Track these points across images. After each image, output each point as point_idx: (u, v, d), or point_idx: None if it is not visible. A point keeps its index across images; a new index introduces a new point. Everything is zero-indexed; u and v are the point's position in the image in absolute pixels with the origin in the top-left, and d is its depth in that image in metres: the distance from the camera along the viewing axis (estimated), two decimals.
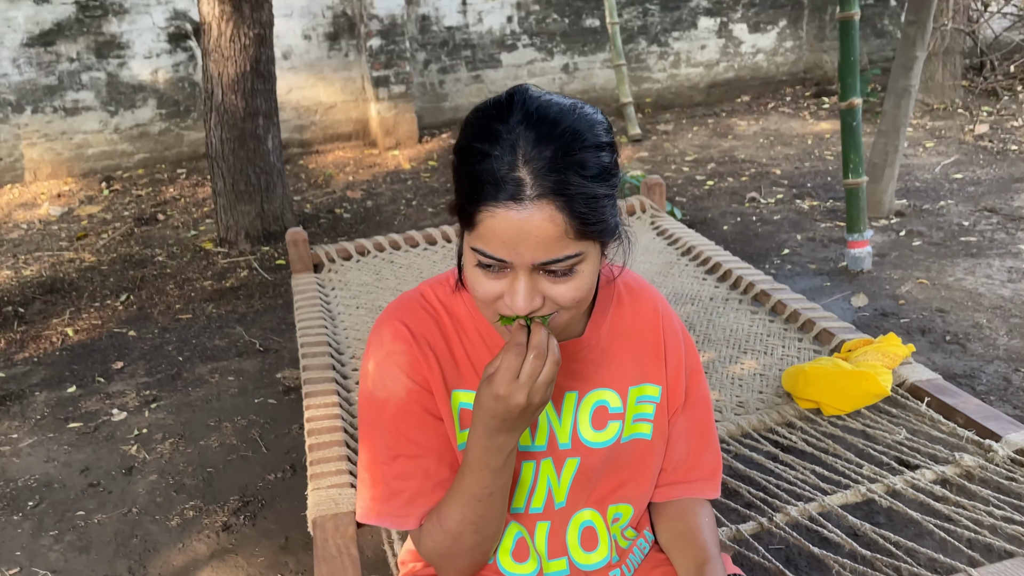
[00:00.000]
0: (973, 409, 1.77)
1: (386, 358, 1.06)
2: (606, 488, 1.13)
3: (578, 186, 0.88)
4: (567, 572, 1.13)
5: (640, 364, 1.13)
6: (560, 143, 0.88)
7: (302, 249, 2.88)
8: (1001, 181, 4.79)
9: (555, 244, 0.89)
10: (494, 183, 0.87)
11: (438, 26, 6.35)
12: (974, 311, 3.30)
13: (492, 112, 0.91)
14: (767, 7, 7.06)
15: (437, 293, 1.10)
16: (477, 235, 0.91)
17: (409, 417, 1.05)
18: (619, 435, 1.12)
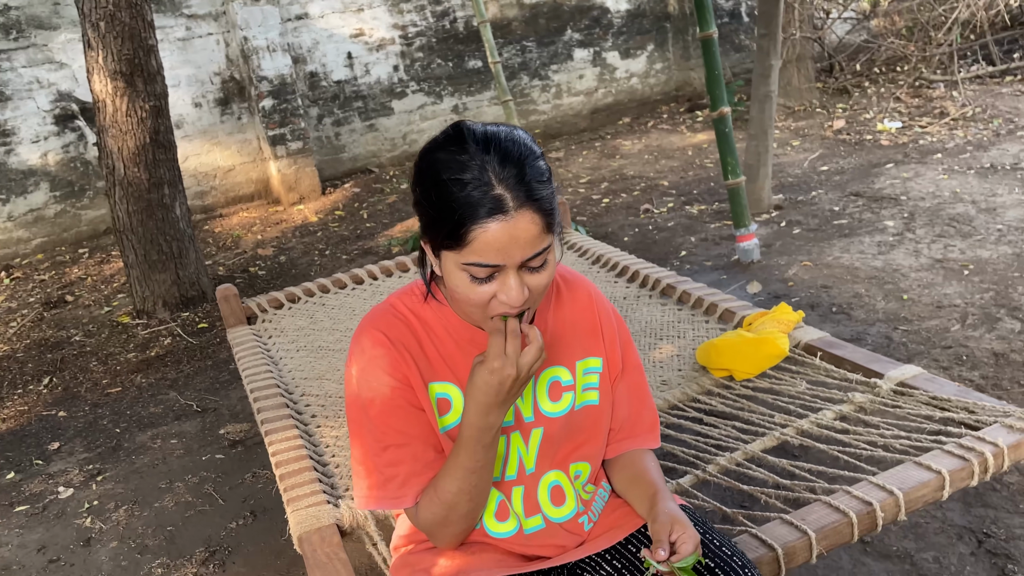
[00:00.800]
0: (859, 356, 2.05)
1: (368, 363, 1.23)
2: (566, 450, 1.33)
3: (541, 190, 1.09)
4: (543, 526, 1.31)
5: (582, 341, 1.34)
6: (519, 160, 1.08)
7: (234, 304, 2.99)
8: (862, 168, 5.30)
9: (536, 241, 1.09)
10: (480, 204, 1.06)
11: (327, 81, 6.52)
12: (853, 283, 3.68)
13: (450, 148, 1.10)
14: (634, 34, 7.55)
15: (405, 303, 1.28)
16: (470, 251, 1.08)
17: (395, 411, 1.22)
18: (572, 404, 1.31)
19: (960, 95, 6.35)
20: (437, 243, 1.12)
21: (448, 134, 1.12)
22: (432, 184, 1.09)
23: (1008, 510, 2.16)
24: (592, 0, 7.33)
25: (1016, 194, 4.38)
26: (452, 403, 1.26)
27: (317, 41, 6.42)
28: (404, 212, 5.88)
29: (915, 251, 3.90)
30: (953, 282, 3.52)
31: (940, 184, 4.73)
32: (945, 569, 2.01)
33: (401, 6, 6.60)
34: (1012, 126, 5.57)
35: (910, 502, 1.45)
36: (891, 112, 6.37)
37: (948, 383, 1.85)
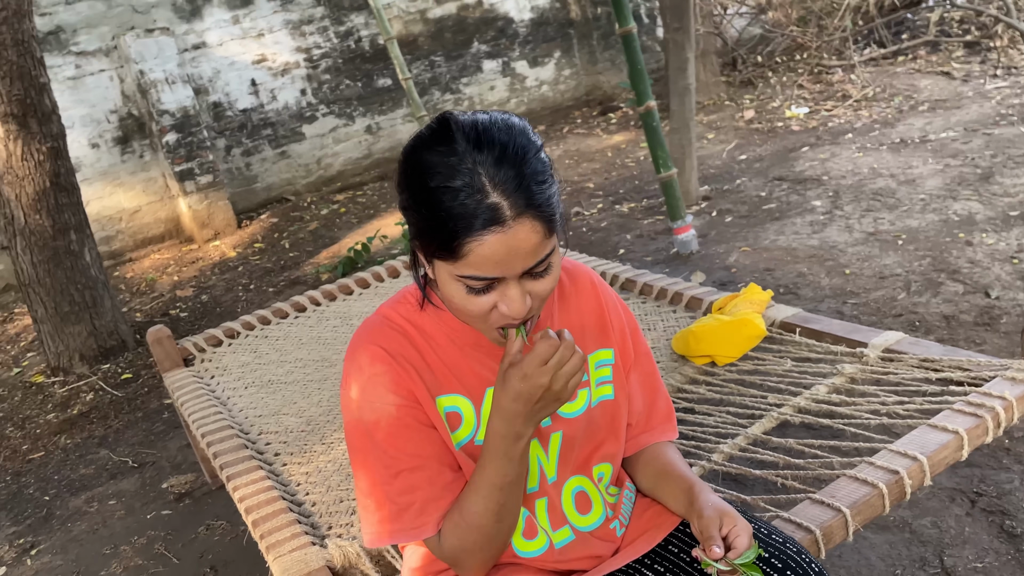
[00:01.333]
0: (837, 328, 2.03)
1: (369, 381, 1.10)
2: (586, 452, 1.22)
3: (541, 194, 0.97)
4: (573, 537, 1.21)
5: (592, 333, 1.23)
6: (515, 160, 0.95)
7: (168, 346, 2.77)
8: (779, 153, 5.41)
9: (538, 250, 0.98)
10: (474, 216, 0.93)
11: (232, 111, 6.28)
12: (794, 264, 3.71)
13: (437, 147, 0.96)
14: (540, 42, 7.56)
15: (400, 312, 1.15)
16: (465, 264, 0.96)
17: (403, 431, 1.09)
18: (588, 401, 1.21)
19: (859, 78, 6.58)
20: (429, 251, 1.00)
21: (434, 129, 0.99)
22: (420, 190, 0.97)
23: (993, 467, 2.17)
24: (495, 11, 7.31)
25: (930, 165, 4.53)
26: (463, 416, 1.14)
27: (218, 70, 6.17)
28: (328, 238, 5.68)
29: (847, 227, 3.98)
30: (890, 252, 3.59)
31: (857, 162, 4.86)
32: (945, 533, 1.99)
33: (303, 29, 6.42)
34: (913, 102, 5.79)
35: (934, 466, 1.41)
36: (797, 99, 6.56)
37: (933, 344, 1.83)
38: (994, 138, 4.68)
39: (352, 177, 6.83)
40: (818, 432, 2.01)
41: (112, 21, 5.75)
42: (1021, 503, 2.02)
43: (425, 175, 0.96)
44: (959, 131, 4.95)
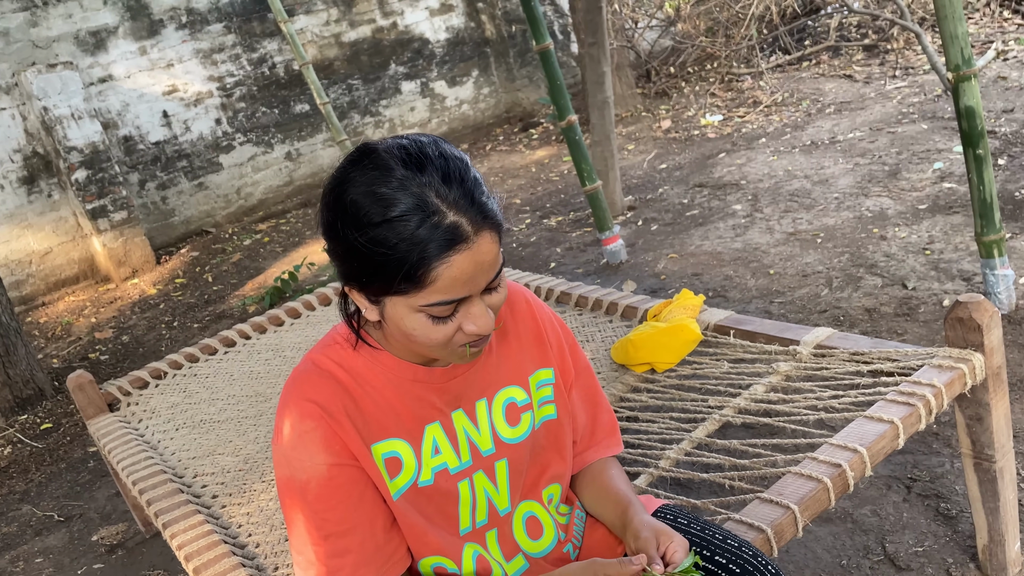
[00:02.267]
0: (769, 328, 2.07)
1: (299, 440, 1.05)
2: (535, 475, 1.21)
3: (490, 206, 0.95)
4: (526, 566, 1.19)
5: (531, 353, 1.21)
6: (458, 175, 0.93)
7: (91, 392, 2.65)
8: (697, 161, 5.54)
9: (497, 259, 0.97)
10: (434, 239, 0.90)
11: (144, 144, 6.09)
12: (721, 267, 3.80)
13: (372, 180, 0.92)
14: (457, 61, 7.59)
15: (331, 356, 1.10)
16: (433, 291, 0.93)
17: (334, 493, 1.05)
18: (532, 423, 1.20)
19: (767, 84, 6.81)
20: (378, 291, 0.96)
21: (360, 162, 0.94)
22: (362, 228, 0.92)
23: (924, 452, 2.25)
24: (411, 32, 7.31)
25: (841, 164, 4.71)
26: (403, 460, 1.10)
27: (127, 103, 5.98)
28: (253, 269, 5.55)
29: (768, 228, 4.09)
30: (810, 251, 3.71)
31: (772, 165, 5.01)
32: (885, 520, 2.05)
33: (214, 57, 6.28)
34: (820, 105, 6.02)
35: (874, 456, 1.45)
36: (710, 107, 6.74)
37: (861, 337, 1.89)
38: (898, 136, 4.90)
39: (274, 205, 6.70)
40: (760, 431, 2.05)
41: (11, 58, 5.53)
42: (954, 485, 2.10)
43: (367, 212, 0.92)
44: (865, 131, 5.17)
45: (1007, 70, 5.51)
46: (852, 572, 1.91)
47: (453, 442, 1.13)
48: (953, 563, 1.86)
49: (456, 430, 1.13)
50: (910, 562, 1.89)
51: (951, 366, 1.60)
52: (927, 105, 5.31)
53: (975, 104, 2.61)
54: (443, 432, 1.13)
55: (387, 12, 7.16)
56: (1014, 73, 5.42)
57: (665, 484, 2.04)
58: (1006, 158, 4.13)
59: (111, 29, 5.87)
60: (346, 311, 1.10)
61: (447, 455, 1.13)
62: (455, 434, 1.13)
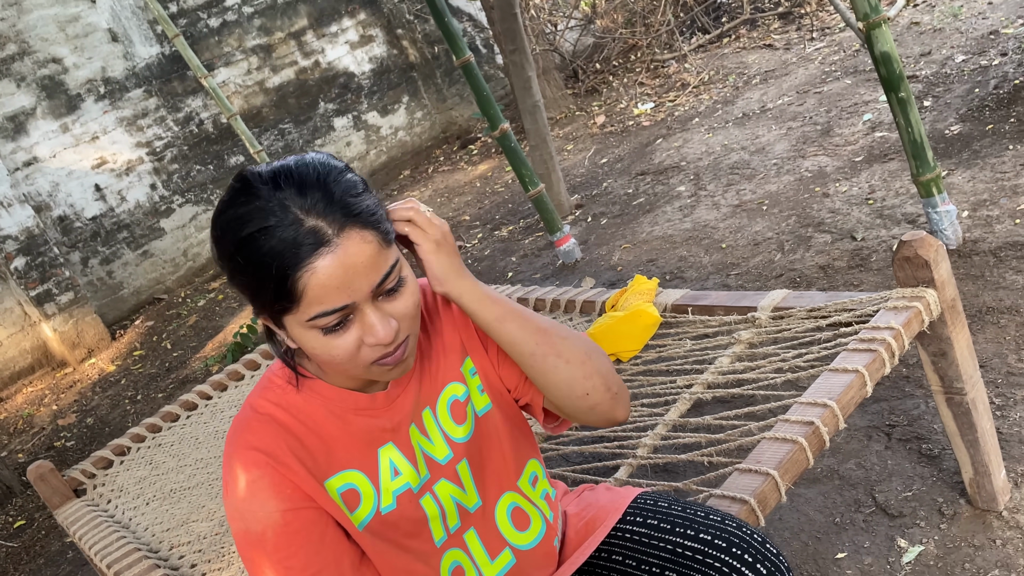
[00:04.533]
0: (725, 299, 2.06)
1: (247, 491, 1.01)
2: (503, 465, 1.16)
3: (358, 204, 0.92)
4: (513, 562, 1.15)
5: (453, 347, 1.15)
6: (319, 183, 0.91)
7: (53, 481, 2.55)
8: (636, 150, 5.57)
9: (379, 259, 0.93)
10: (297, 245, 0.89)
11: (81, 221, 5.97)
12: (674, 249, 3.80)
13: (239, 200, 0.92)
14: (386, 90, 7.57)
15: (268, 398, 1.07)
16: (308, 302, 0.91)
17: (293, 539, 1.01)
18: (474, 415, 1.14)
19: (692, 65, 6.88)
20: (274, 312, 0.94)
21: (233, 187, 0.94)
22: (236, 248, 0.91)
23: (898, 397, 2.25)
24: (334, 68, 7.27)
25: (775, 132, 4.76)
26: (360, 492, 1.06)
27: (56, 183, 5.86)
28: (211, 329, 5.45)
29: (714, 204, 4.11)
30: (758, 219, 3.73)
31: (709, 143, 5.05)
32: (871, 471, 2.04)
33: (139, 123, 6.18)
34: (745, 77, 6.09)
35: (844, 407, 1.44)
36: (640, 96, 6.79)
37: (816, 293, 1.88)
38: (825, 95, 4.97)
39: None
40: (731, 403, 2.04)
41: None
42: (932, 425, 2.10)
43: (235, 230, 0.91)
44: (792, 95, 5.23)
45: (918, 15, 5.63)
46: (847, 528, 1.90)
47: (411, 459, 1.09)
48: (944, 502, 1.86)
49: (412, 446, 1.10)
50: (902, 508, 1.89)
51: (905, 306, 1.59)
52: (848, 61, 5.40)
53: (890, 49, 2.64)
54: (399, 452, 1.09)
55: (307, 52, 7.12)
56: (926, 17, 5.53)
57: (646, 472, 2.02)
58: (931, 99, 4.20)
59: (28, 111, 5.75)
60: (276, 345, 1.06)
61: (407, 475, 1.08)
62: (412, 450, 1.09)
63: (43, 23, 5.77)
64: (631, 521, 1.19)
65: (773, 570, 1.08)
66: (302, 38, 7.10)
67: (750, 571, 1.08)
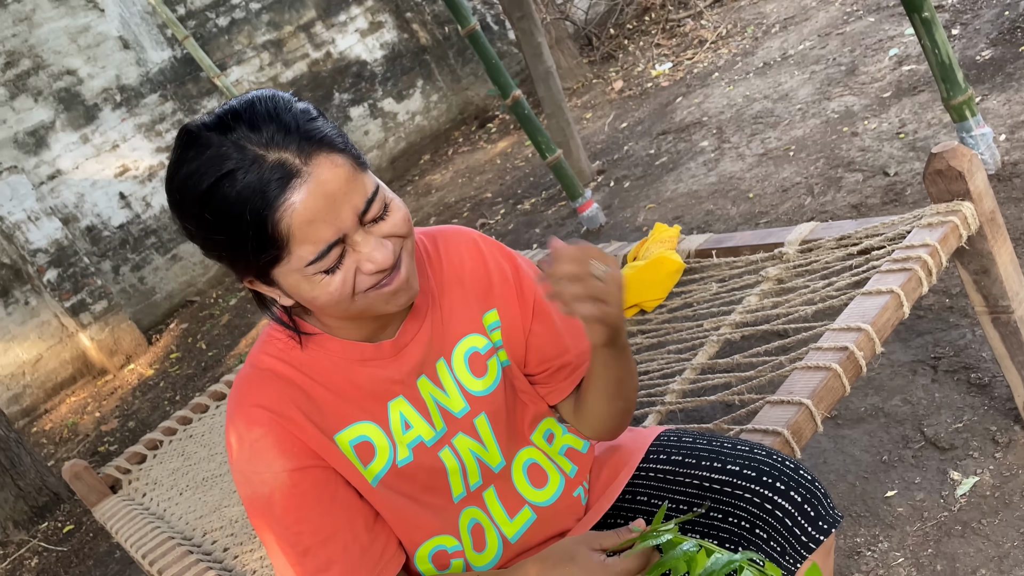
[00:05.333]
0: (751, 238, 1.97)
1: (251, 451, 0.95)
2: (523, 420, 1.10)
3: (318, 129, 0.86)
4: (533, 519, 1.09)
5: (476, 296, 1.08)
6: (269, 116, 0.85)
7: (89, 479, 2.55)
8: (657, 111, 5.44)
9: (357, 183, 0.86)
10: (264, 186, 0.82)
11: (109, 230, 6.01)
12: (700, 204, 3.69)
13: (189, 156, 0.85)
14: (399, 76, 7.51)
15: (270, 353, 1.00)
16: (299, 245, 0.84)
17: (302, 501, 0.95)
18: (499, 367, 1.08)
19: (708, 22, 6.71)
20: (261, 268, 0.87)
21: (179, 144, 0.87)
22: (200, 206, 0.84)
23: (943, 328, 2.14)
24: (346, 58, 7.23)
25: (797, 77, 4.60)
26: (375, 444, 1.00)
27: (82, 193, 5.91)
28: (244, 326, 5.46)
29: (738, 156, 3.98)
30: (785, 166, 3.60)
31: (730, 95, 4.91)
32: (917, 406, 1.94)
33: (157, 128, 6.21)
34: (764, 26, 5.92)
35: (880, 330, 1.35)
36: (658, 57, 6.64)
37: (845, 222, 1.78)
38: (847, 35, 4.79)
39: None
40: (761, 340, 1.95)
41: None
42: (980, 353, 1.99)
43: (194, 186, 0.84)
44: (814, 39, 5.06)
45: None
46: (895, 466, 1.80)
47: (423, 412, 1.03)
48: (997, 430, 1.75)
49: (424, 398, 1.03)
50: (953, 440, 1.79)
51: (941, 221, 1.49)
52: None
53: None
54: (409, 405, 1.03)
55: (318, 44, 7.08)
56: None
57: (675, 418, 1.94)
58: (959, 27, 4.02)
59: (48, 125, 5.80)
60: (268, 310, 1.00)
61: (420, 427, 1.03)
62: (424, 403, 1.03)
63: (55, 36, 5.81)
64: (655, 459, 1.12)
65: (809, 496, 1.00)
66: (311, 30, 7.06)
67: (783, 499, 1.01)
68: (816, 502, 1.01)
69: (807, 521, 1.01)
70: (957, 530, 1.58)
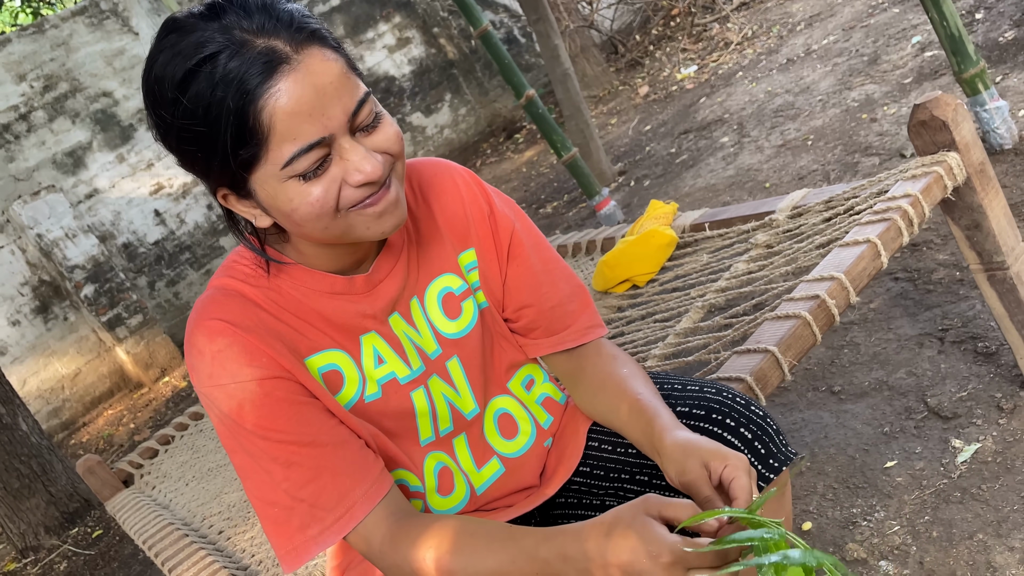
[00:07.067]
0: (745, 209, 1.93)
1: (213, 362, 0.87)
2: (499, 366, 1.06)
3: (312, 22, 0.82)
4: (501, 471, 1.05)
5: (453, 235, 1.04)
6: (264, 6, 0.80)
7: (102, 473, 2.59)
8: (681, 112, 5.40)
9: (348, 82, 0.81)
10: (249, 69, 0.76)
11: (144, 247, 6.16)
12: (717, 197, 3.64)
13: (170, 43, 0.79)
14: (428, 90, 7.59)
15: (235, 276, 0.94)
16: (279, 139, 0.78)
17: (276, 407, 0.87)
18: (476, 310, 1.04)
19: (734, 24, 6.65)
20: (237, 172, 0.80)
21: (161, 32, 0.82)
22: (177, 92, 0.77)
23: (951, 301, 2.06)
24: (375, 73, 7.34)
25: (820, 70, 4.52)
26: (343, 373, 0.94)
27: (118, 211, 6.07)
28: None
29: (757, 148, 3.92)
30: (803, 155, 3.53)
31: (752, 92, 4.84)
32: (922, 377, 1.87)
33: None
34: (790, 26, 5.84)
35: (854, 279, 1.30)
36: (684, 61, 6.60)
37: (836, 186, 1.73)
38: (872, 27, 4.71)
39: None
40: (742, 301, 1.90)
41: None
42: (988, 323, 1.91)
43: (173, 73, 0.78)
44: (838, 33, 4.98)
45: None
46: (896, 437, 1.73)
47: (398, 350, 0.98)
48: (1002, 396, 1.67)
49: (398, 336, 0.98)
50: (956, 409, 1.71)
51: (924, 172, 1.44)
52: None
53: None
54: (383, 340, 0.97)
55: None
56: None
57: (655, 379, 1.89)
58: (983, 11, 3.91)
59: (85, 145, 5.99)
60: (237, 227, 0.94)
61: (393, 364, 0.97)
62: (397, 341, 0.98)
63: (91, 59, 6.01)
64: None
65: (759, 433, 0.96)
66: None
67: (733, 436, 0.97)
68: (767, 439, 0.97)
69: (757, 459, 0.96)
70: (956, 496, 1.50)
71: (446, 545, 0.84)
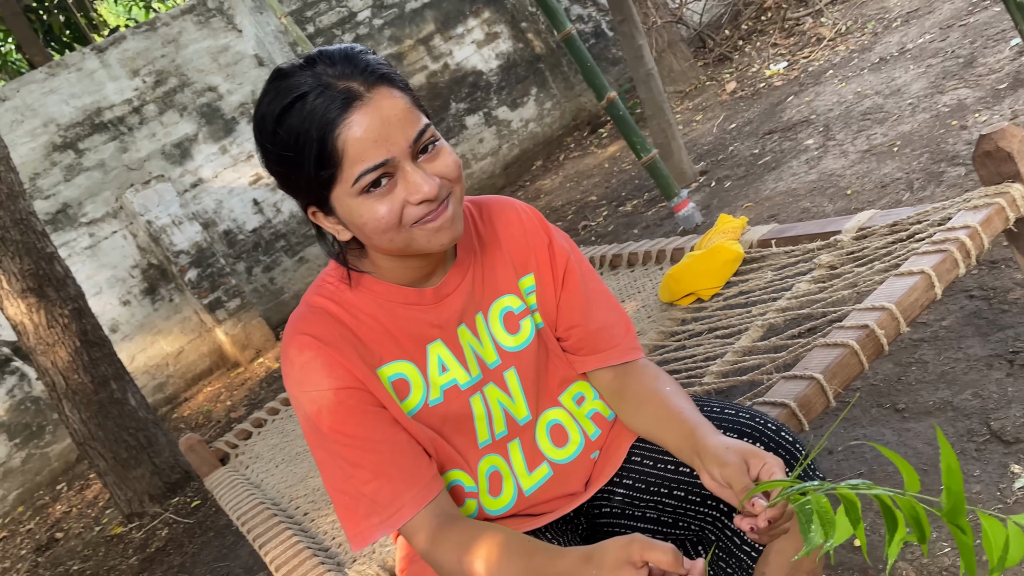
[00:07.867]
0: (812, 227, 1.97)
1: (301, 373, 1.05)
2: (548, 382, 1.19)
3: (385, 68, 0.98)
4: (550, 475, 1.17)
5: (516, 261, 1.18)
6: (350, 57, 0.98)
7: (201, 451, 2.83)
8: (767, 111, 5.34)
9: (411, 116, 0.97)
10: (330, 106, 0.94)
11: (243, 234, 6.49)
12: (797, 202, 3.62)
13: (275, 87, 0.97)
14: (514, 84, 7.69)
15: (322, 294, 1.10)
16: (350, 164, 0.94)
17: (349, 416, 1.04)
18: (534, 328, 1.17)
19: (828, 19, 6.50)
20: (319, 192, 0.98)
21: (269, 79, 1.01)
22: (276, 125, 0.97)
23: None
24: (463, 69, 7.49)
25: (912, 71, 4.41)
26: (410, 382, 1.10)
27: (220, 200, 6.41)
28: None
29: (842, 153, 3.88)
30: (887, 162, 3.48)
31: (842, 92, 4.76)
32: (988, 400, 1.87)
33: None
34: (885, 21, 5.69)
35: (905, 310, 1.34)
36: (773, 57, 6.49)
37: (903, 209, 1.76)
38: (970, 27, 4.55)
39: None
40: (800, 323, 1.94)
41: (111, 184, 6.07)
42: None
43: (273, 109, 0.97)
44: (935, 32, 4.83)
45: None
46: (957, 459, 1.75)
47: (460, 358, 1.12)
48: None
49: (461, 345, 1.13)
50: (1019, 434, 1.72)
51: (986, 203, 1.46)
52: None
53: None
54: (447, 349, 1.12)
55: (436, 56, 7.37)
56: None
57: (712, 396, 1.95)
58: None
59: (192, 137, 6.35)
60: (329, 246, 1.11)
61: (455, 371, 1.12)
62: (460, 349, 1.13)
63: (198, 56, 6.35)
64: None
65: (788, 459, 1.04)
66: (430, 43, 7.36)
67: None
68: (796, 464, 1.04)
69: None
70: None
71: (474, 552, 0.98)
